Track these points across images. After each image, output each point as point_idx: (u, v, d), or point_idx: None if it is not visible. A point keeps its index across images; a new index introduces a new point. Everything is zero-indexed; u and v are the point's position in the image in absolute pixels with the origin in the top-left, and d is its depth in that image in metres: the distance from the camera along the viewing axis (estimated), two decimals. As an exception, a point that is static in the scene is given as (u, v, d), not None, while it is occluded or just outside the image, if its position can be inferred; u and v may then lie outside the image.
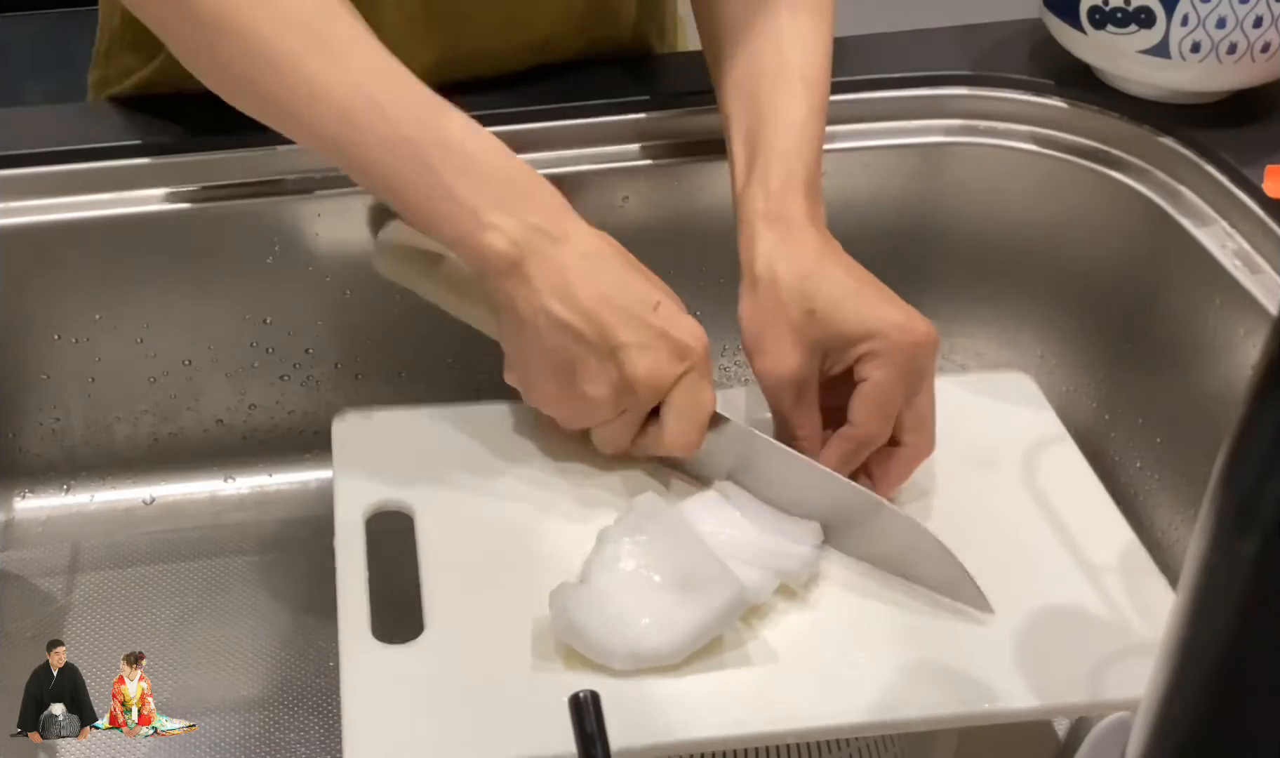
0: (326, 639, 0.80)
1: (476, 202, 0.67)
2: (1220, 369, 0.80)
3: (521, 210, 0.67)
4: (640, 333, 0.67)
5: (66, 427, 0.88)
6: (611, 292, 0.67)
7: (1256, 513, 0.32)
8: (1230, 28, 0.80)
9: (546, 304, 0.67)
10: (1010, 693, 0.62)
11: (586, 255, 0.68)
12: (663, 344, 0.67)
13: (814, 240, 0.71)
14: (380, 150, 0.68)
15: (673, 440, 0.69)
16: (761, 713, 0.61)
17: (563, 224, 0.68)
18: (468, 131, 0.69)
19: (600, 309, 0.66)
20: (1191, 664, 0.35)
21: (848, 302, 0.69)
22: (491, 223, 0.67)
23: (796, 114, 0.74)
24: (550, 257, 0.67)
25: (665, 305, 0.68)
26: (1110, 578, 0.68)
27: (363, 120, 0.68)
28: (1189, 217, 0.83)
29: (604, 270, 0.68)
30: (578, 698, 0.59)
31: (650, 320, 0.67)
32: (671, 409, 0.68)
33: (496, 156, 0.69)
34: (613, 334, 0.66)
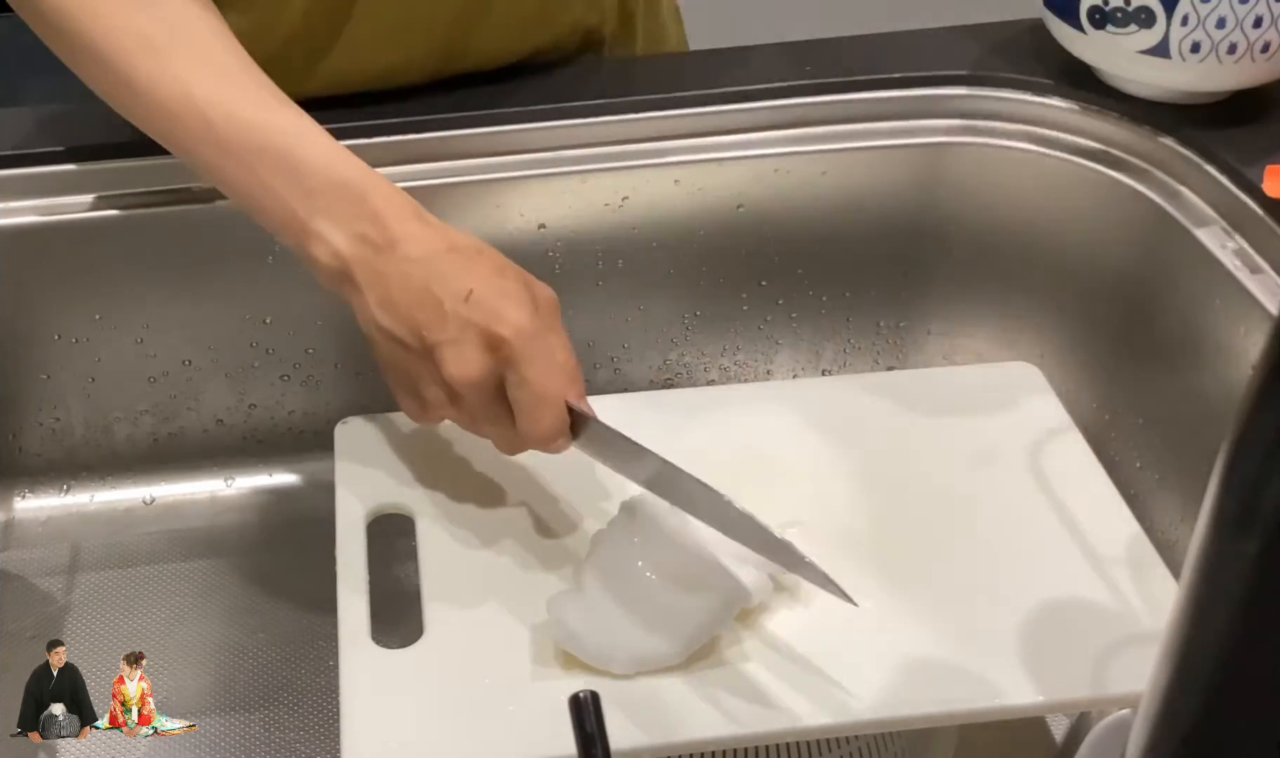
0: (326, 639, 0.80)
1: (302, 209, 0.65)
2: (1220, 369, 0.80)
3: (347, 218, 0.65)
4: (449, 329, 0.63)
5: (66, 427, 0.88)
6: (424, 288, 0.63)
7: (1256, 513, 0.32)
8: (1230, 28, 0.80)
9: (374, 314, 0.65)
10: (1013, 689, 0.62)
11: (409, 259, 0.64)
12: (471, 337, 0.63)
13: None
14: (212, 155, 0.67)
15: (529, 437, 0.64)
16: (761, 713, 0.61)
17: (390, 230, 0.65)
18: (298, 134, 0.67)
19: (413, 310, 0.64)
20: (1192, 664, 0.35)
21: None
22: (316, 232, 0.65)
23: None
24: (375, 266, 0.65)
25: (478, 292, 0.63)
26: (1115, 569, 0.68)
27: (189, 121, 0.67)
28: (1189, 217, 0.83)
29: (423, 271, 0.64)
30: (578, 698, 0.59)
31: (460, 313, 0.63)
32: (515, 404, 0.64)
33: (326, 160, 0.66)
34: (426, 333, 0.63)
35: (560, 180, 0.86)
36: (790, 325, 0.93)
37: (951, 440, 0.76)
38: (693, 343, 0.93)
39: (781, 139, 0.88)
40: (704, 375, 0.94)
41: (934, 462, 0.75)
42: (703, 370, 0.94)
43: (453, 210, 0.86)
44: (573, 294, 0.89)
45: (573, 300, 0.89)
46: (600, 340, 0.92)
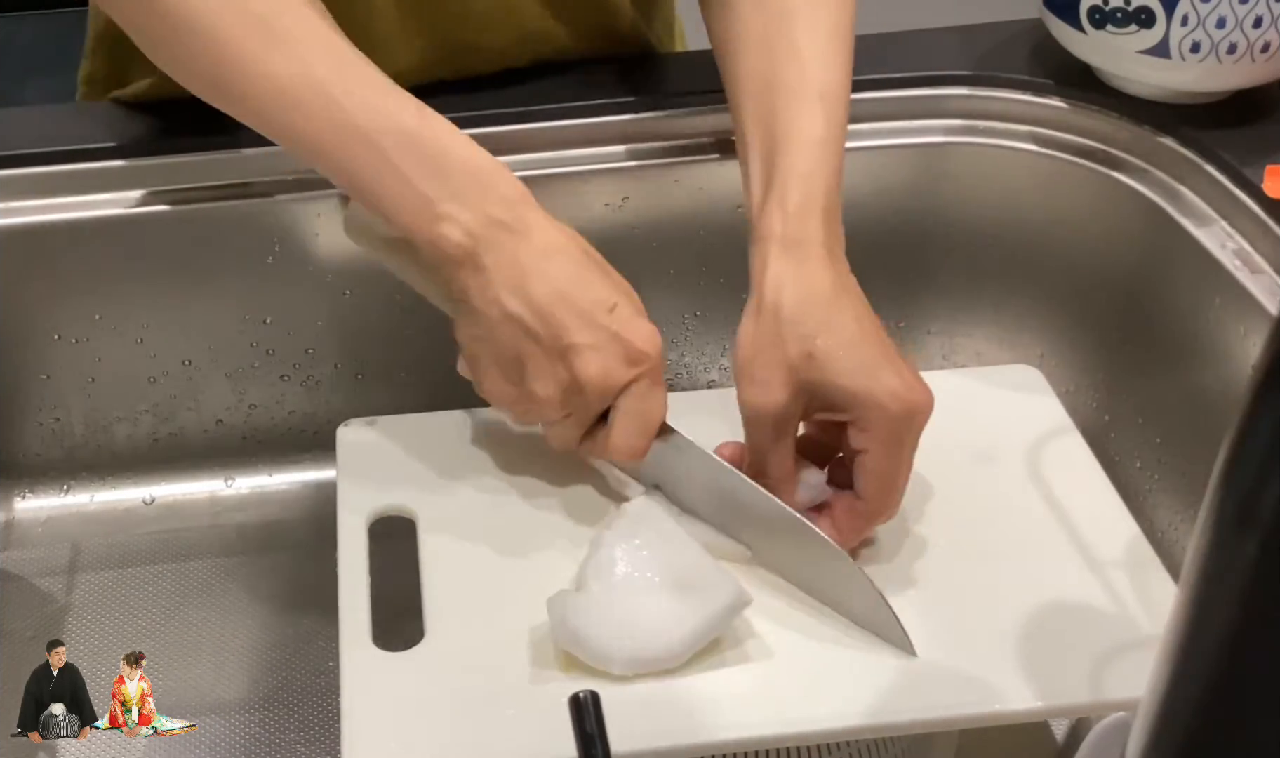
0: (326, 639, 0.80)
1: (432, 191, 0.65)
2: (1220, 369, 0.80)
3: (479, 201, 0.65)
4: (593, 334, 0.65)
5: (66, 427, 0.88)
6: (567, 290, 0.65)
7: (1256, 513, 0.32)
8: (1230, 28, 0.80)
9: (500, 298, 0.65)
10: (1012, 693, 0.62)
11: (545, 250, 0.66)
12: (615, 347, 0.65)
13: (828, 275, 0.68)
14: (332, 137, 0.67)
15: (618, 447, 0.67)
16: (761, 715, 0.61)
17: (522, 217, 0.66)
18: (424, 119, 0.67)
19: (554, 307, 0.65)
20: (1191, 665, 0.35)
21: (848, 356, 0.66)
22: (447, 214, 0.65)
23: (815, 133, 0.71)
24: (507, 250, 0.65)
25: (621, 308, 0.66)
26: (1114, 572, 0.68)
27: (313, 107, 0.66)
28: (1189, 217, 0.83)
29: (562, 267, 0.66)
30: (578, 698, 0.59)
31: (604, 322, 0.65)
32: (620, 415, 0.66)
33: (454, 144, 0.67)
34: (565, 333, 0.64)
35: (560, 180, 0.86)
36: (790, 325, 0.93)
37: (951, 441, 0.76)
38: (693, 343, 0.93)
39: (781, 139, 0.88)
40: (704, 376, 0.94)
41: (934, 462, 0.74)
42: (703, 370, 0.94)
43: (453, 210, 0.86)
44: (573, 294, 0.89)
45: (573, 300, 0.89)
46: (600, 340, 0.92)
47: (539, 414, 0.68)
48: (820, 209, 0.69)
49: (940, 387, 0.81)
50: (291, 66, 0.67)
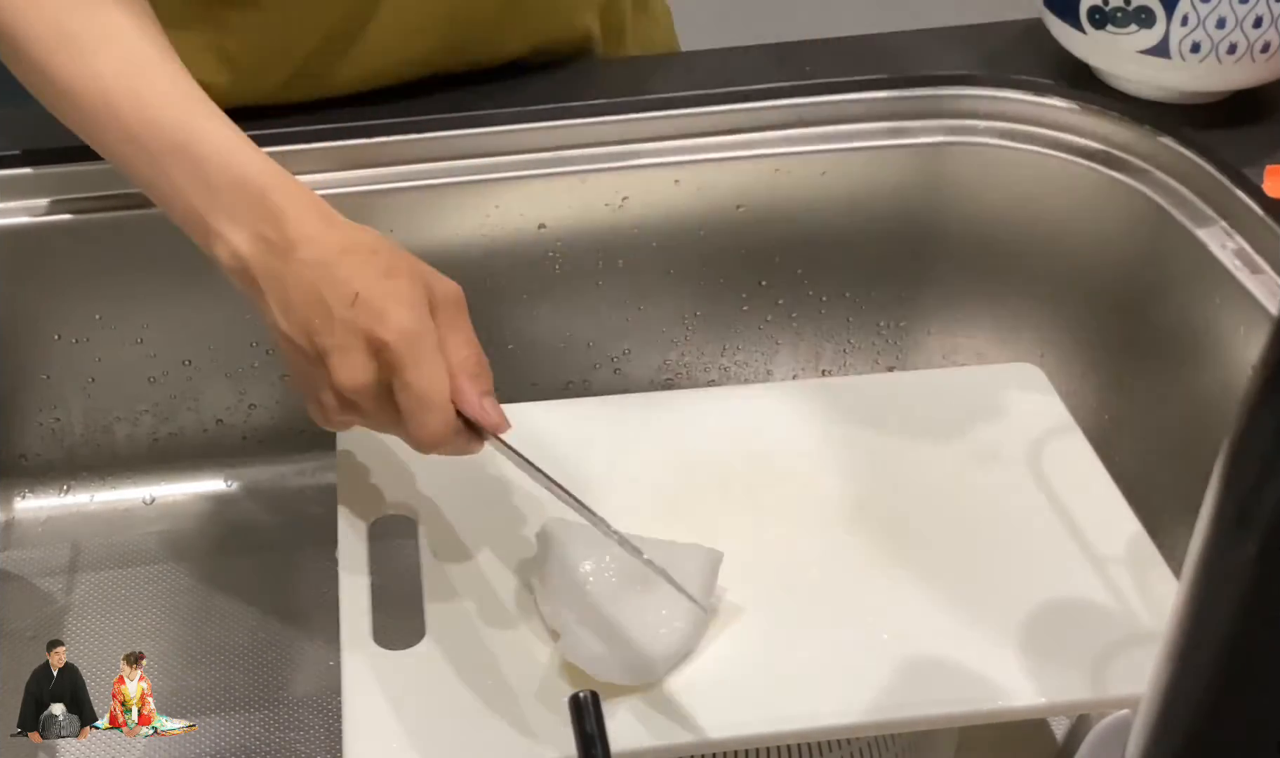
0: (326, 639, 0.80)
1: (205, 207, 0.65)
2: (1220, 369, 0.80)
3: (248, 220, 0.64)
4: (337, 334, 0.62)
5: (66, 427, 0.88)
6: (317, 295, 0.62)
7: (1256, 513, 0.32)
8: (1230, 28, 0.80)
9: (276, 320, 0.64)
10: (1014, 691, 0.62)
11: (305, 262, 0.63)
12: (356, 342, 0.61)
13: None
14: (121, 148, 0.67)
15: (416, 441, 0.63)
16: (761, 714, 0.61)
17: (288, 231, 0.64)
18: (205, 132, 0.66)
19: (309, 317, 0.62)
20: (1192, 665, 0.35)
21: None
22: (219, 233, 0.65)
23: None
24: (274, 270, 0.64)
25: (364, 295, 0.61)
26: (1117, 570, 0.68)
27: (101, 119, 0.67)
28: (1189, 217, 0.83)
29: (316, 275, 0.63)
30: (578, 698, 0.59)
31: (346, 317, 0.61)
32: (401, 407, 0.62)
33: (230, 159, 0.66)
34: (317, 340, 0.62)
35: (560, 180, 0.86)
36: (790, 325, 0.93)
37: (952, 441, 0.76)
38: (693, 343, 0.93)
39: (781, 139, 0.88)
40: (704, 375, 0.94)
41: (934, 462, 0.75)
42: (703, 370, 0.94)
43: (453, 210, 0.86)
44: (573, 294, 0.89)
45: (573, 300, 0.90)
46: (600, 340, 0.92)
47: (344, 423, 0.66)
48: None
49: (940, 386, 0.82)
50: (85, 79, 0.68)
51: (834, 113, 0.89)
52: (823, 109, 0.88)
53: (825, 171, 0.89)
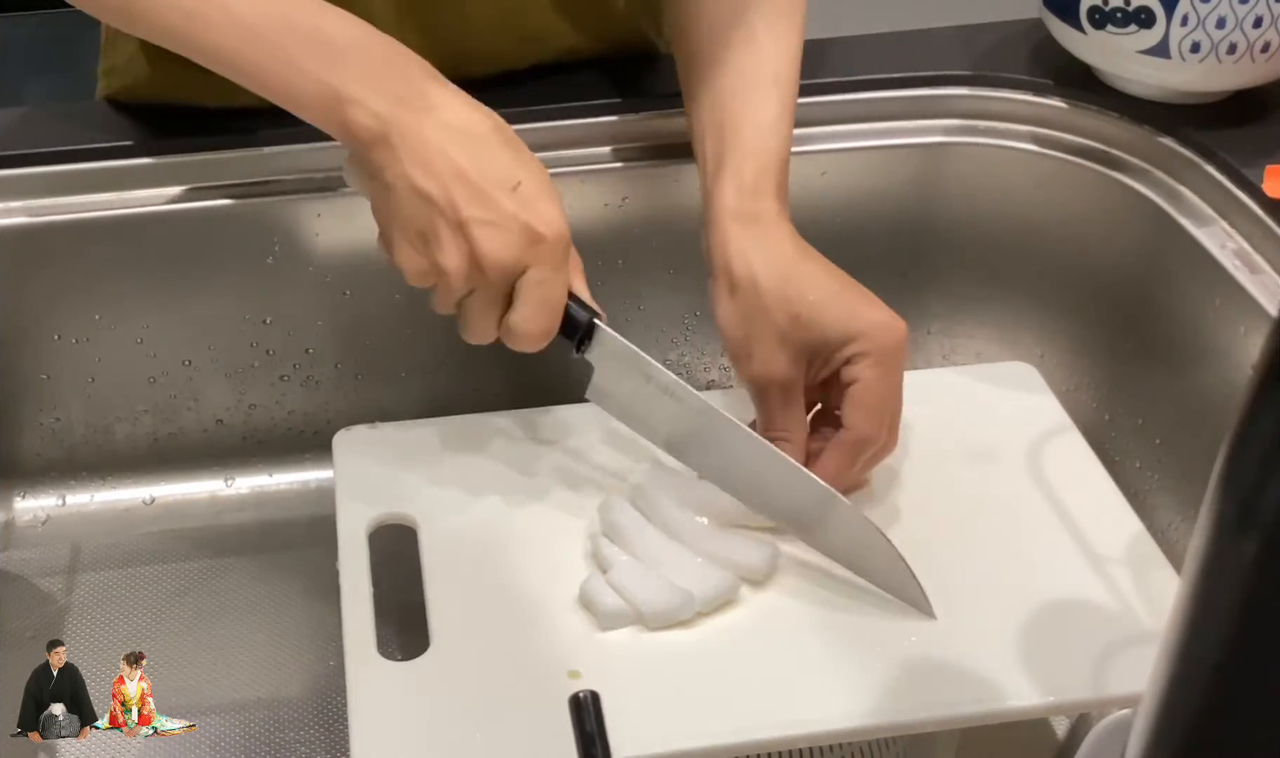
0: (326, 639, 0.80)
1: (335, 78, 0.67)
2: (1220, 369, 0.80)
3: (383, 82, 0.67)
4: (492, 210, 0.65)
5: (66, 427, 0.88)
6: (471, 166, 0.66)
7: (1256, 513, 0.32)
8: (1230, 28, 0.80)
9: (409, 173, 0.66)
10: (1015, 691, 0.62)
11: (450, 126, 0.66)
12: (513, 226, 0.65)
13: (789, 240, 0.72)
14: (229, 38, 0.68)
15: (518, 329, 0.67)
16: (762, 719, 0.61)
17: (426, 94, 0.67)
18: (319, 9, 0.68)
19: (456, 182, 0.65)
20: (1192, 664, 0.35)
21: (831, 305, 0.70)
22: (353, 98, 0.66)
23: (769, 114, 0.74)
24: (414, 128, 0.66)
25: (525, 187, 0.66)
26: (1117, 568, 0.68)
27: (210, 16, 0.68)
28: (1189, 217, 0.83)
29: (467, 143, 0.66)
30: (578, 698, 0.59)
31: (504, 201, 0.65)
32: (520, 297, 0.67)
33: (351, 30, 0.68)
34: (464, 208, 0.65)
35: (560, 180, 0.86)
36: (790, 325, 0.93)
37: (951, 440, 0.76)
38: (693, 343, 0.93)
39: (781, 139, 0.88)
40: (704, 375, 0.94)
41: (934, 462, 0.75)
42: (703, 370, 0.94)
43: (453, 210, 0.86)
44: (573, 294, 0.89)
45: (573, 300, 0.89)
46: (600, 340, 0.92)
47: (444, 287, 0.68)
48: (773, 186, 0.73)
49: (938, 385, 0.82)
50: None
51: (834, 113, 0.89)
52: (823, 109, 0.88)
53: (825, 171, 0.89)
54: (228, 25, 0.68)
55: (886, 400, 0.70)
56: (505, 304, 0.67)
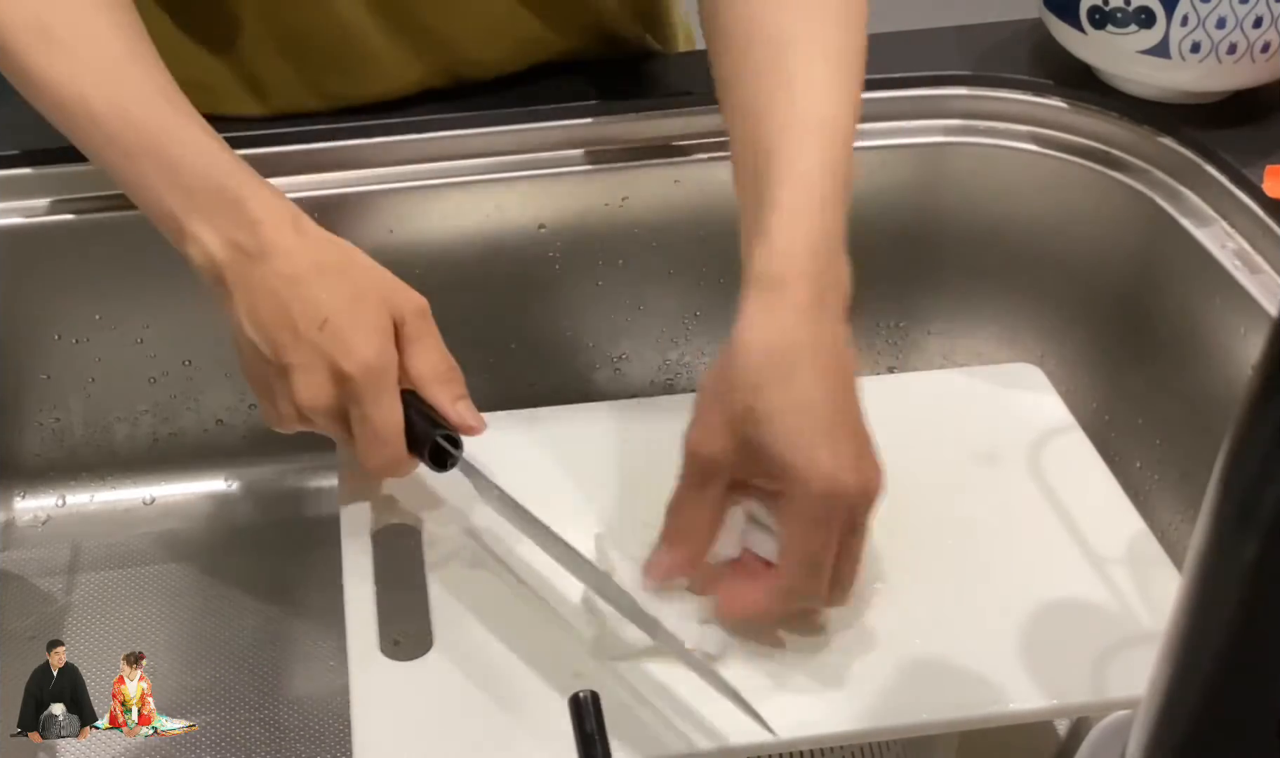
0: (326, 640, 0.80)
1: (180, 210, 0.66)
2: (1220, 369, 0.80)
3: (222, 223, 0.66)
4: (303, 353, 0.64)
5: (66, 427, 0.88)
6: (286, 311, 0.65)
7: (1256, 513, 0.32)
8: (1230, 28, 0.80)
9: (241, 324, 0.66)
10: (1016, 694, 0.62)
11: (278, 273, 0.65)
12: (321, 366, 0.64)
13: (802, 326, 0.62)
14: (98, 148, 0.68)
15: (364, 463, 0.66)
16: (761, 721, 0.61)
17: (263, 239, 0.65)
18: (182, 134, 0.67)
19: (275, 330, 0.65)
20: (1192, 665, 0.35)
21: (785, 421, 0.60)
22: (193, 234, 0.66)
23: (803, 166, 0.66)
24: (245, 275, 0.65)
25: (333, 322, 0.64)
26: (1120, 569, 0.68)
27: (80, 118, 0.68)
28: (1189, 217, 0.83)
29: (288, 290, 0.65)
30: (578, 698, 0.59)
31: (314, 339, 0.64)
32: (355, 431, 0.66)
33: (206, 161, 0.67)
34: (282, 354, 0.65)
35: (560, 180, 0.86)
36: (790, 325, 0.93)
37: (953, 441, 0.76)
38: (693, 343, 0.93)
39: (781, 139, 0.88)
40: (704, 375, 0.94)
41: (935, 463, 0.74)
42: (703, 370, 0.94)
43: (453, 210, 0.86)
44: (573, 294, 0.89)
45: (573, 300, 0.89)
46: (600, 340, 0.92)
47: (291, 428, 0.68)
48: (806, 247, 0.63)
49: (941, 386, 0.82)
50: (62, 80, 0.68)
51: (834, 113, 0.89)
52: (823, 109, 0.88)
53: (825, 172, 0.89)
54: (94, 133, 0.68)
55: (820, 558, 0.61)
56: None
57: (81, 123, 0.68)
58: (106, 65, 0.68)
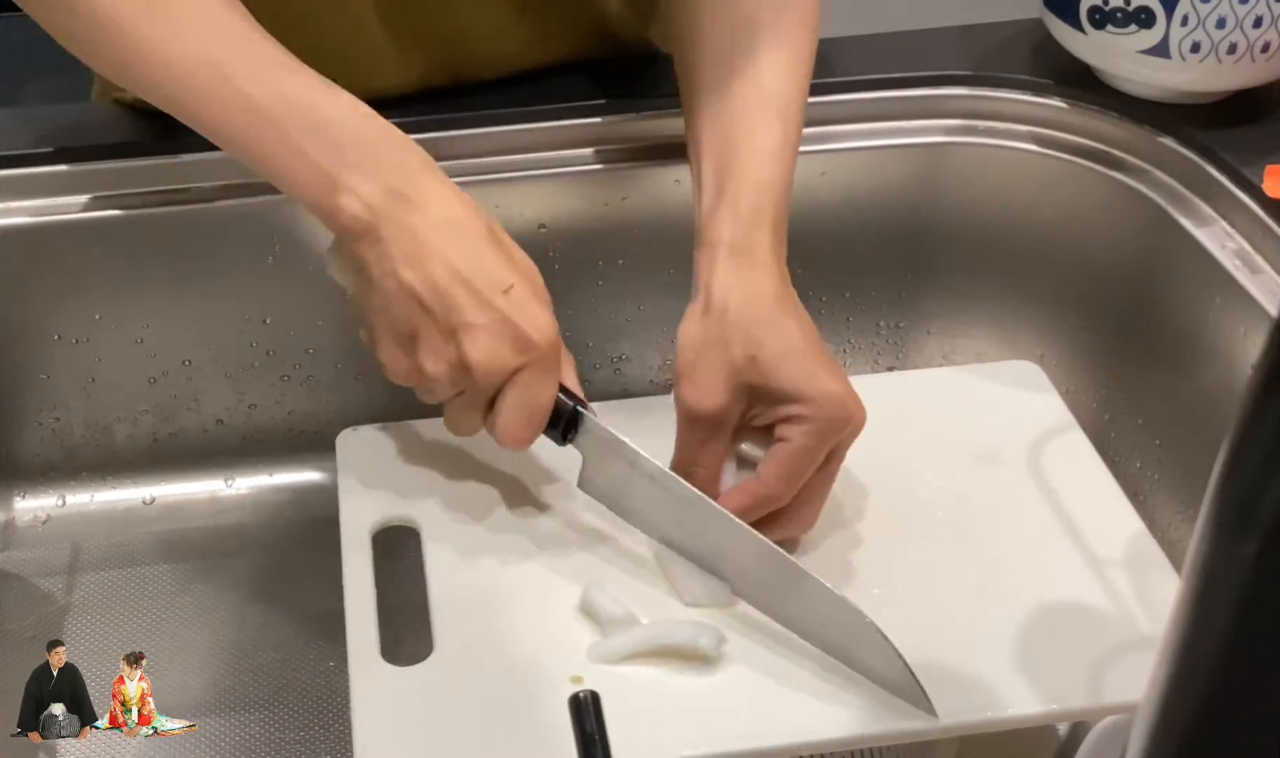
0: (326, 640, 0.80)
1: (331, 163, 0.65)
2: (1220, 369, 0.80)
3: (378, 172, 0.65)
4: (484, 315, 0.64)
5: (66, 427, 0.88)
6: (464, 267, 0.64)
7: (1256, 513, 0.32)
8: (1230, 28, 0.80)
9: (397, 270, 0.64)
10: (1014, 699, 0.62)
11: (444, 223, 0.65)
12: (505, 331, 0.64)
13: (774, 282, 0.69)
14: (230, 115, 0.66)
15: (502, 434, 0.66)
16: (762, 726, 0.61)
17: (421, 188, 0.65)
18: (320, 92, 0.67)
19: (449, 284, 0.64)
20: (1191, 665, 0.35)
21: (792, 360, 0.67)
22: (347, 185, 0.65)
23: (770, 145, 0.72)
24: (405, 222, 0.64)
25: (518, 291, 0.64)
26: (1119, 571, 0.68)
27: (208, 87, 0.66)
28: (1189, 217, 0.83)
29: (460, 242, 0.65)
30: (578, 698, 0.59)
31: (497, 304, 0.64)
32: (505, 401, 0.65)
33: (352, 116, 0.66)
34: (456, 312, 0.64)
35: (560, 180, 0.86)
36: (790, 325, 0.93)
37: (953, 440, 0.76)
38: (693, 343, 0.93)
39: (781, 139, 0.88)
40: (704, 375, 0.94)
41: (936, 462, 0.74)
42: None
43: (453, 210, 0.86)
44: (573, 294, 0.89)
45: (573, 300, 0.89)
46: (600, 340, 0.92)
47: (430, 389, 0.67)
48: (770, 219, 0.70)
49: (940, 385, 0.82)
50: (185, 48, 0.67)
51: (834, 113, 0.89)
52: (823, 109, 0.88)
53: (825, 171, 0.89)
54: (226, 97, 0.66)
55: (804, 467, 0.66)
56: (490, 404, 0.66)
57: (209, 89, 0.66)
58: (225, 29, 0.67)
